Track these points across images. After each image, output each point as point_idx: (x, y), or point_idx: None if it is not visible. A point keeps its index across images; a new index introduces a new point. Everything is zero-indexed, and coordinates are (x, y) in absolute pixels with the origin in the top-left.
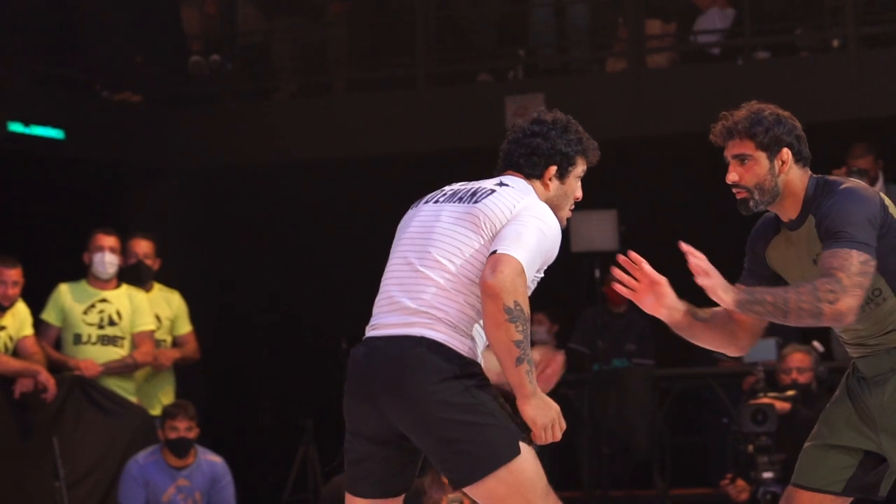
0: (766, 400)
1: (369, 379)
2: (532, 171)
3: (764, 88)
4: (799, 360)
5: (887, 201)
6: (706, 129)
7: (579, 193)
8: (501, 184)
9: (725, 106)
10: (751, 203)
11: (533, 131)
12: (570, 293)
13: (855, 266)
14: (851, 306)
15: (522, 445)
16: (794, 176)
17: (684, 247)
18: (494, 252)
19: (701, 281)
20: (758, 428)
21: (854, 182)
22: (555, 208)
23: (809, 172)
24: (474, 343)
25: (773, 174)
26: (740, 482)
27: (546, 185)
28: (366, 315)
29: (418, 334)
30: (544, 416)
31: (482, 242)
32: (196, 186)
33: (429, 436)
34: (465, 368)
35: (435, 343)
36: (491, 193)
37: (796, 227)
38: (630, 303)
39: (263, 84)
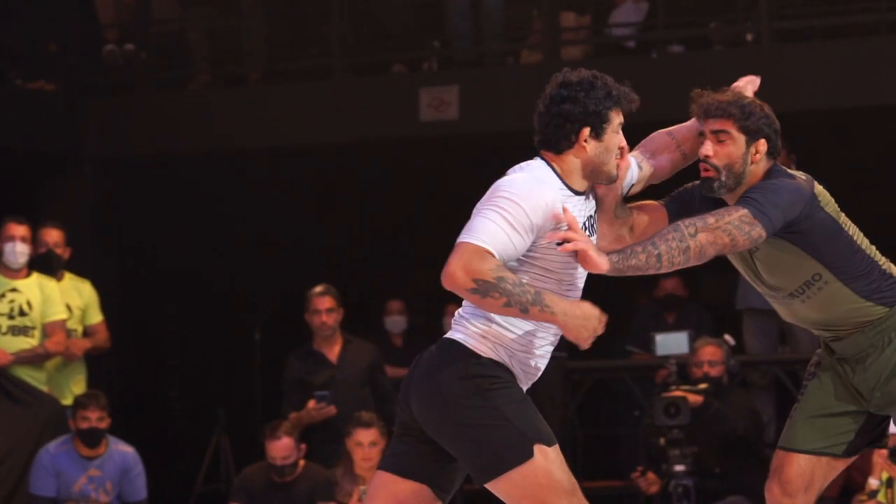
0: (678, 393)
1: (408, 374)
2: (566, 143)
3: (678, 82)
4: (710, 354)
5: (822, 196)
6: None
7: (623, 143)
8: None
9: (638, 98)
10: (715, 184)
11: (561, 96)
12: None
13: (732, 217)
14: (709, 241)
15: (540, 448)
16: (760, 168)
17: (559, 215)
18: None
19: (569, 246)
20: (671, 421)
21: (796, 174)
22: (600, 165)
23: (771, 164)
24: (499, 345)
25: (745, 160)
26: (651, 475)
27: (582, 149)
28: (277, 304)
29: (449, 335)
30: (585, 329)
31: None
32: (109, 175)
33: (443, 436)
34: (483, 369)
35: (456, 343)
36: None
37: None
38: None
39: (178, 74)
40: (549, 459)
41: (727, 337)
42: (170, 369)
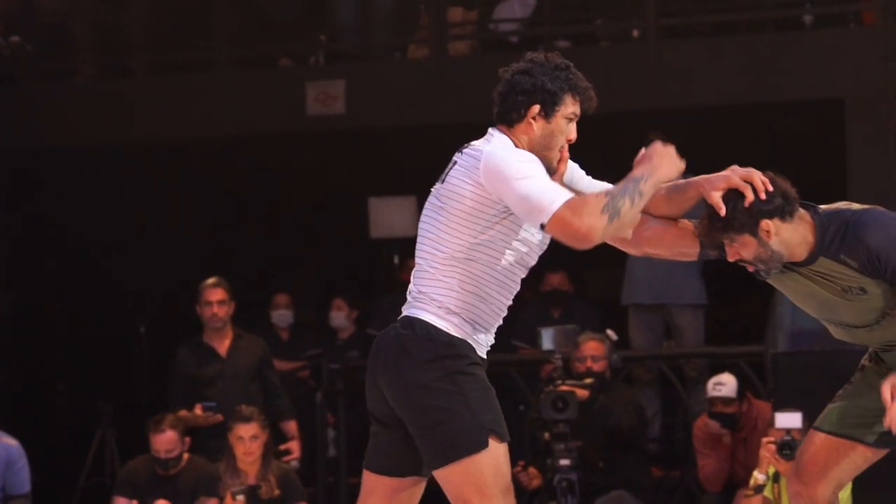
0: (566, 387)
1: (373, 358)
2: (516, 115)
3: None
4: (593, 349)
5: None
6: None
7: (573, 135)
8: (464, 148)
9: None
10: (762, 273)
11: (520, 70)
12: (369, 279)
13: None
14: None
15: (494, 441)
16: (787, 233)
17: None
18: (543, 226)
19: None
20: (559, 415)
21: (870, 208)
22: (543, 148)
23: (808, 217)
24: (466, 321)
25: (764, 245)
26: (532, 470)
27: (530, 125)
28: (162, 298)
29: (413, 314)
30: (668, 165)
31: (451, 219)
32: None
33: (408, 416)
34: (451, 349)
35: (424, 323)
36: (453, 166)
37: (805, 265)
38: None
39: (63, 66)
40: (499, 454)
41: (609, 332)
42: (56, 362)
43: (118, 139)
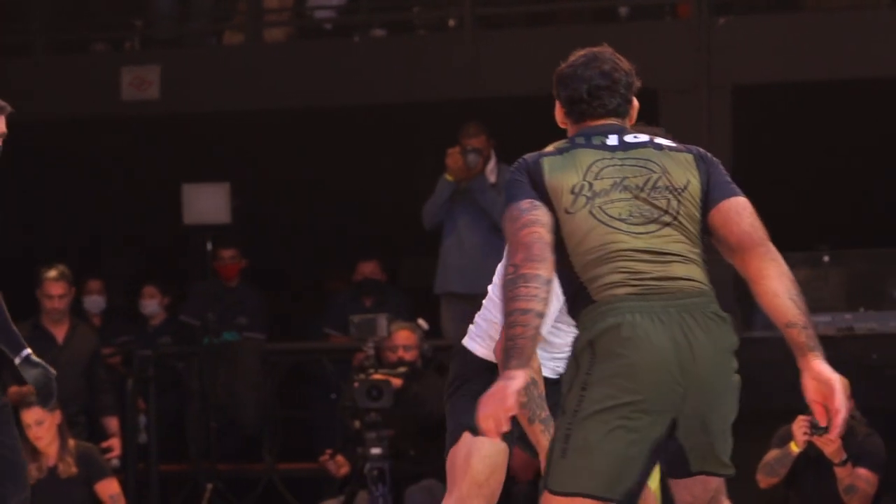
0: (380, 376)
1: None
2: None
3: (380, 66)
4: (405, 338)
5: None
6: (321, 103)
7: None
8: None
9: (341, 82)
10: None
11: None
12: (182, 265)
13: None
14: None
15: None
16: (569, 133)
17: None
18: None
19: None
20: (373, 403)
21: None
22: None
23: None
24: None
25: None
26: (340, 458)
27: None
28: None
29: None
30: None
31: None
32: None
33: None
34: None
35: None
36: None
37: None
38: (242, 276)
39: None
40: (477, 448)
41: (421, 321)
42: None
43: None
